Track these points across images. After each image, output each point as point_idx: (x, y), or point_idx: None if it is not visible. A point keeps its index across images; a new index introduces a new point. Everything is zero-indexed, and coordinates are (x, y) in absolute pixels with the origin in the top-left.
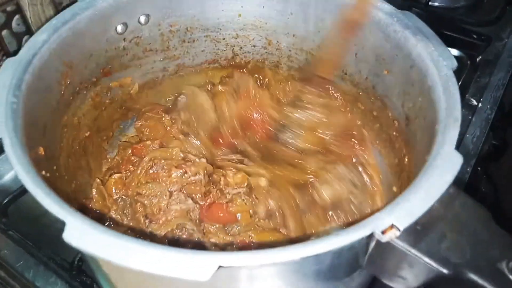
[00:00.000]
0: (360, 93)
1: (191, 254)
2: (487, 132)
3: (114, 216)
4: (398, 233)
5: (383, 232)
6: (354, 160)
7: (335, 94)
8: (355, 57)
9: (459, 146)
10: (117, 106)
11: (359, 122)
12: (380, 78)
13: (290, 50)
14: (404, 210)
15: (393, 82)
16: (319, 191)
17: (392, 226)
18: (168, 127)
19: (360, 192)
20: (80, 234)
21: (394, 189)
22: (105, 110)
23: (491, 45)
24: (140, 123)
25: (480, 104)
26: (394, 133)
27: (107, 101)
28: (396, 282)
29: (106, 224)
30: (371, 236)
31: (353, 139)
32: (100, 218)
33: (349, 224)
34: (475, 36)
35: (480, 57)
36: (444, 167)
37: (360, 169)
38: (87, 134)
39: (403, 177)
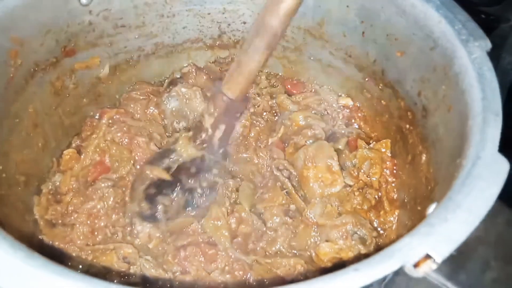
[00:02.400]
0: (367, 79)
1: None
2: None
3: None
4: (435, 266)
5: (416, 265)
6: None
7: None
8: (362, 36)
9: None
10: (84, 92)
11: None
12: (392, 62)
13: None
14: (442, 235)
15: (407, 66)
16: None
17: (427, 257)
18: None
19: None
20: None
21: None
22: (69, 97)
23: (498, 27)
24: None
25: None
26: (408, 126)
27: (71, 85)
28: None
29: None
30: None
31: None
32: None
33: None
34: (483, 16)
35: None
36: (487, 176)
37: None
38: (46, 127)
39: (419, 178)
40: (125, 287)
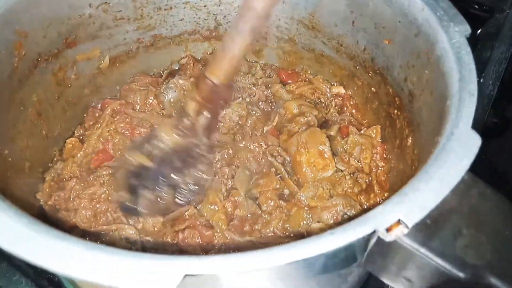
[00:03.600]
0: (358, 67)
1: (150, 260)
2: (489, 109)
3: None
4: (406, 231)
5: (388, 230)
6: None
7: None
8: (352, 26)
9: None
10: (85, 83)
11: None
12: (380, 49)
13: (279, 19)
14: (414, 203)
15: (395, 53)
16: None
17: (399, 222)
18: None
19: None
20: (14, 236)
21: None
22: (70, 87)
23: (493, 17)
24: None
25: (481, 80)
26: (396, 111)
27: (73, 76)
28: (399, 283)
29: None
30: (372, 234)
31: None
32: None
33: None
34: (476, 7)
35: (480, 30)
36: (459, 150)
37: None
38: (49, 116)
39: (406, 161)
40: (126, 251)
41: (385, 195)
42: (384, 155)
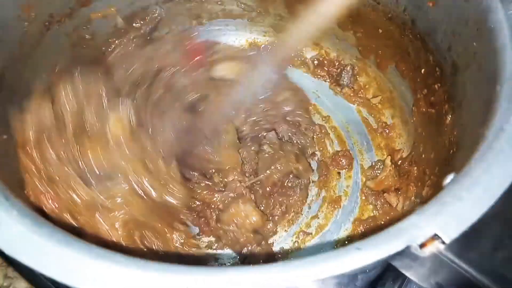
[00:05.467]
0: (394, 28)
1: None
2: None
3: None
4: (442, 247)
5: (422, 246)
6: None
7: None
8: None
9: None
10: (100, 44)
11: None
12: (423, 12)
13: None
14: (453, 214)
15: (439, 18)
16: None
17: (435, 237)
18: None
19: None
20: (15, 239)
21: None
22: (86, 49)
23: None
24: None
25: None
26: (436, 85)
27: (87, 36)
28: (428, 285)
29: None
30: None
31: None
32: None
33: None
34: None
35: None
36: (510, 151)
37: None
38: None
39: (441, 143)
40: (139, 260)
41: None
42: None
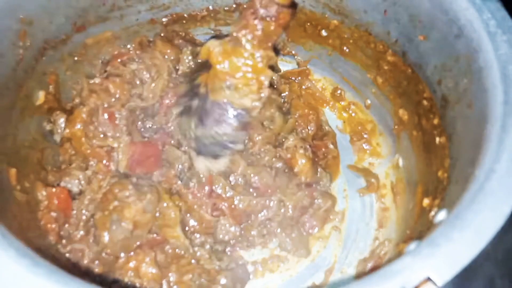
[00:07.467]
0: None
1: None
2: None
3: None
4: None
5: None
6: None
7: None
8: (383, 15)
9: None
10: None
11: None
12: (414, 45)
13: (304, 1)
14: (446, 257)
15: (430, 52)
16: None
17: (428, 279)
18: None
19: None
20: (13, 280)
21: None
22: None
23: None
24: None
25: None
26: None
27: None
28: None
29: None
30: None
31: None
32: None
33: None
34: None
35: None
36: (500, 194)
37: None
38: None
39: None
40: None
41: None
42: None
